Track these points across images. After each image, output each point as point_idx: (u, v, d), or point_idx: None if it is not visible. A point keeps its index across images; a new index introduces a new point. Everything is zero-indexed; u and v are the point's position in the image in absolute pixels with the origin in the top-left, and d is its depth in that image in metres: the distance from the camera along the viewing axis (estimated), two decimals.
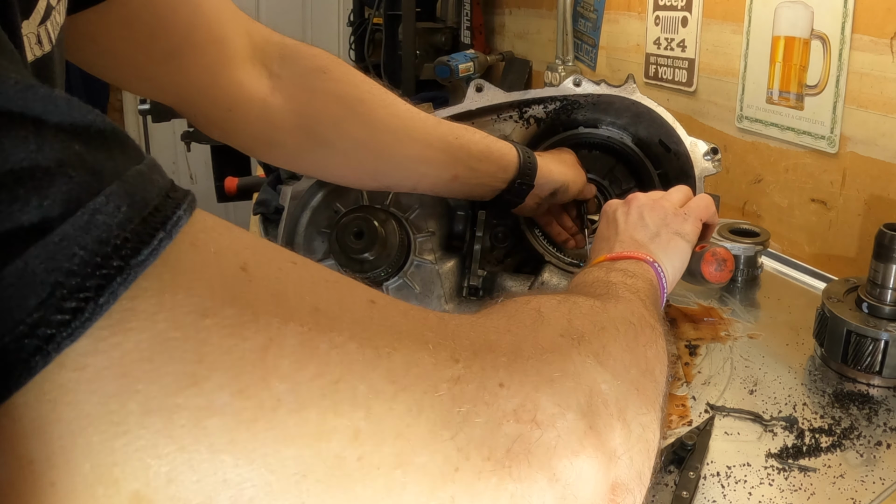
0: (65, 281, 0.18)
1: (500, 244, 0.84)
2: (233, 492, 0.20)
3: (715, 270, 0.62)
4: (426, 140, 0.67)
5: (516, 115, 0.81)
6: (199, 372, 0.20)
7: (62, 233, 0.18)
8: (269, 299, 0.22)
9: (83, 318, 0.18)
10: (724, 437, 0.61)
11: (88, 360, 0.18)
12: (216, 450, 0.19)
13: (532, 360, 0.29)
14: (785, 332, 0.79)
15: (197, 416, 0.19)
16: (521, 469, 0.25)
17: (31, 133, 0.18)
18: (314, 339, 0.22)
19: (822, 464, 0.57)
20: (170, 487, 0.19)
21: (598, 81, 0.79)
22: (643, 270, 0.52)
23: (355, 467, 0.22)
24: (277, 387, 0.21)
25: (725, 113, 1.14)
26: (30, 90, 0.19)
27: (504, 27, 1.93)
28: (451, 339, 0.27)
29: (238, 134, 0.64)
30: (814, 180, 0.99)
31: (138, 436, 0.18)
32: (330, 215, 0.76)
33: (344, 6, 2.59)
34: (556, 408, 0.28)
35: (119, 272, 0.19)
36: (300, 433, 0.21)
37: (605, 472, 0.28)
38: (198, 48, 0.56)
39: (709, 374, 0.71)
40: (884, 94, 0.86)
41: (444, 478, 0.23)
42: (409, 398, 0.24)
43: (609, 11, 1.43)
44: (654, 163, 0.84)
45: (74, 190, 0.19)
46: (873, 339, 0.67)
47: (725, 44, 1.12)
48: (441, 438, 0.24)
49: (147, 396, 0.19)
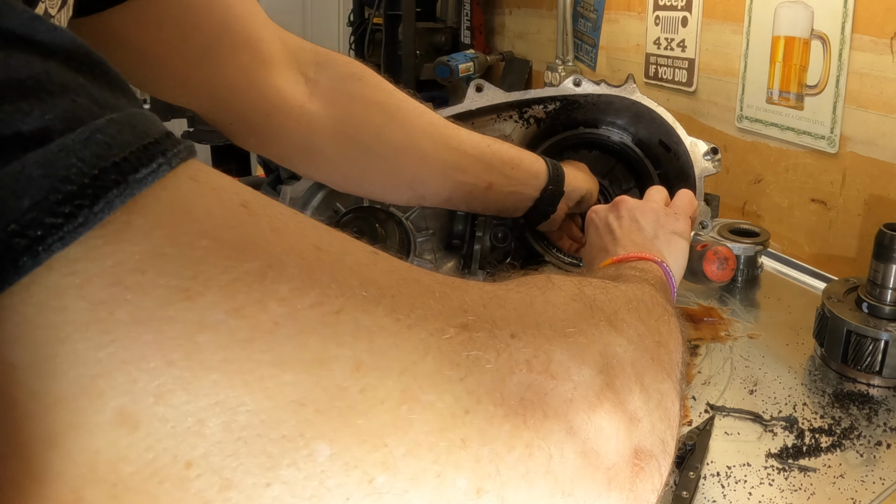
0: (60, 186, 0.17)
1: (500, 244, 0.84)
2: (226, 416, 0.18)
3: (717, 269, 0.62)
4: (461, 148, 0.67)
5: (516, 115, 0.81)
6: (194, 287, 0.19)
7: (62, 143, 0.18)
8: (269, 232, 0.21)
9: (76, 223, 0.17)
10: (724, 437, 0.61)
11: (79, 266, 0.18)
12: (208, 367, 0.18)
13: (544, 315, 0.28)
14: (785, 332, 0.79)
15: (189, 331, 0.18)
16: (537, 418, 0.24)
17: (37, 58, 0.18)
18: (315, 270, 0.21)
19: (822, 464, 0.57)
20: (158, 405, 0.18)
21: (598, 81, 0.79)
22: (652, 269, 0.52)
23: (358, 399, 0.20)
24: (275, 309, 0.20)
25: (725, 113, 1.14)
26: (37, 20, 0.19)
27: (504, 27, 1.93)
28: (458, 291, 0.26)
29: (277, 141, 0.62)
30: (814, 180, 0.99)
31: (125, 346, 0.18)
32: (330, 215, 0.76)
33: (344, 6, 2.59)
34: (571, 361, 0.26)
35: (116, 185, 0.18)
36: (299, 359, 0.20)
37: (626, 432, 0.27)
38: (232, 48, 0.54)
39: (709, 374, 0.71)
40: (884, 94, 0.86)
41: (454, 418, 0.22)
42: (415, 336, 0.22)
43: (609, 11, 1.43)
44: (654, 163, 0.84)
45: (77, 111, 0.18)
46: (873, 339, 0.67)
47: (725, 44, 1.12)
48: (450, 379, 0.22)
49: (137, 307, 0.18)
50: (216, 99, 0.57)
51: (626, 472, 0.27)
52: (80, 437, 0.17)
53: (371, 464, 0.20)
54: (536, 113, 0.81)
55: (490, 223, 0.80)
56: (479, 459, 0.22)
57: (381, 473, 0.20)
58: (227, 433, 0.18)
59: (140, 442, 0.18)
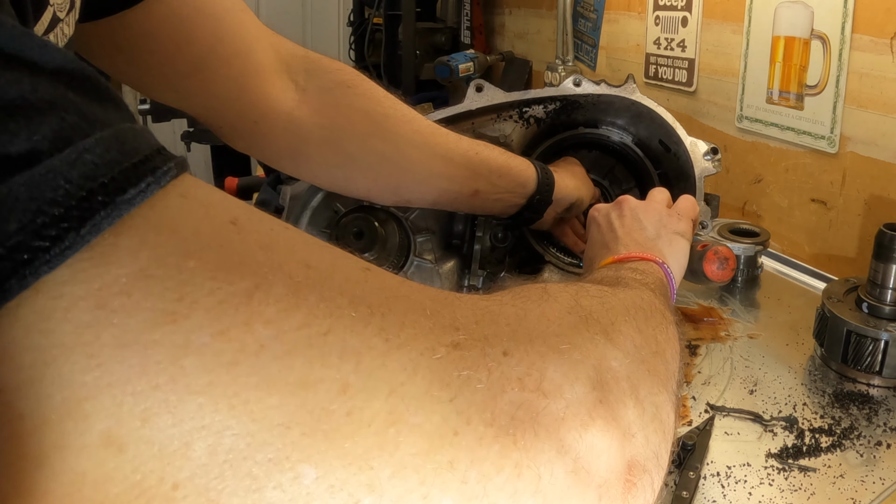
0: (47, 209, 0.17)
1: (500, 244, 0.84)
2: (212, 440, 0.18)
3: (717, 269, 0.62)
4: (448, 155, 0.67)
5: (516, 115, 0.81)
6: (179, 310, 0.19)
7: (49, 165, 0.18)
8: (257, 250, 0.21)
9: (63, 247, 0.18)
10: (724, 437, 0.61)
11: (66, 289, 0.18)
12: (194, 391, 0.18)
13: (538, 330, 0.28)
14: (785, 332, 0.79)
15: (174, 354, 0.18)
16: (527, 438, 0.24)
17: (25, 75, 0.18)
18: (303, 290, 0.21)
19: (822, 464, 0.57)
20: (144, 429, 0.18)
21: (598, 81, 0.79)
22: (653, 270, 0.52)
23: (344, 422, 0.20)
24: (261, 332, 0.20)
25: (725, 113, 1.14)
26: (26, 36, 0.19)
27: (504, 27, 1.93)
28: (450, 307, 0.26)
29: (264, 146, 0.64)
30: (814, 180, 0.99)
31: (111, 370, 0.18)
32: (330, 215, 0.76)
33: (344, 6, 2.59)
34: (564, 378, 0.26)
35: (103, 206, 0.18)
36: (284, 381, 0.20)
37: (619, 448, 0.27)
38: (223, 60, 0.55)
39: (709, 374, 0.71)
40: (884, 94, 0.86)
41: (443, 440, 0.22)
42: (404, 356, 0.22)
43: (609, 11, 1.43)
44: (654, 163, 0.84)
45: (65, 130, 0.18)
46: (873, 339, 0.67)
47: (725, 44, 1.12)
48: (439, 399, 0.22)
49: (123, 330, 0.18)
50: (207, 106, 0.59)
51: (618, 488, 0.27)
52: (66, 459, 0.17)
53: (356, 486, 0.20)
54: (536, 113, 0.81)
55: (490, 223, 0.80)
56: (467, 481, 0.22)
57: (366, 496, 0.20)
58: (213, 456, 0.19)
59: (127, 464, 0.18)
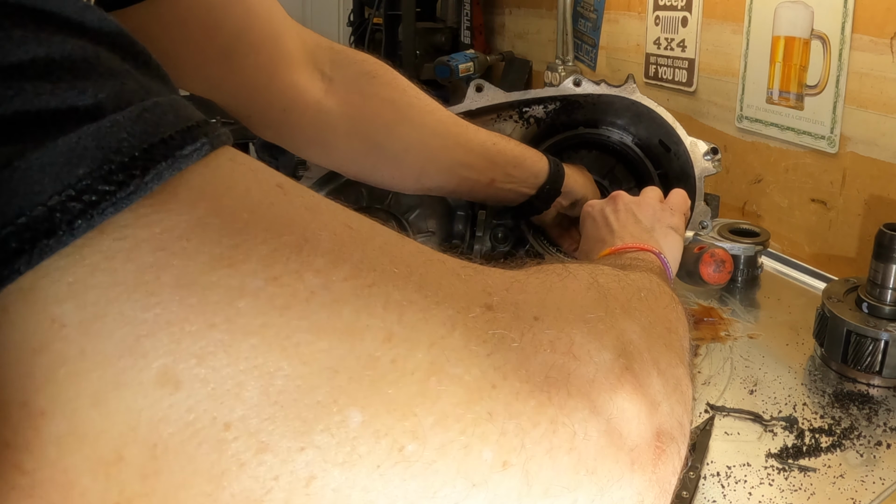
0: (113, 157, 0.18)
1: (500, 244, 0.84)
2: (264, 380, 0.19)
3: (713, 272, 0.62)
4: (468, 145, 0.69)
5: (516, 115, 0.81)
6: (235, 255, 0.20)
7: (113, 119, 0.19)
8: (303, 211, 0.22)
9: (128, 191, 0.18)
10: (724, 437, 0.61)
11: (128, 231, 0.18)
12: (248, 332, 0.19)
13: (564, 301, 0.29)
14: (785, 332, 0.79)
15: (230, 296, 0.19)
16: (561, 396, 0.24)
17: (89, 42, 0.19)
18: (348, 246, 0.22)
19: (822, 464, 0.57)
20: (199, 367, 0.18)
21: (598, 81, 0.79)
22: (651, 259, 0.53)
23: (389, 369, 0.21)
24: (311, 280, 0.20)
25: (725, 113, 1.14)
26: (89, 9, 0.20)
27: (504, 27, 1.93)
28: (482, 274, 0.27)
29: (293, 136, 0.65)
30: (814, 180, 0.99)
31: (170, 308, 0.18)
32: None
33: (344, 6, 2.59)
34: (592, 344, 0.27)
35: (164, 159, 0.19)
36: (333, 327, 0.20)
37: (647, 414, 0.27)
38: (253, 48, 0.56)
39: (709, 374, 0.71)
40: (884, 94, 0.86)
41: (481, 392, 0.22)
42: (443, 313, 0.23)
43: (609, 11, 1.43)
44: (654, 163, 0.84)
45: (126, 93, 0.19)
46: (873, 339, 0.67)
47: (725, 44, 1.12)
48: (477, 354, 0.23)
49: (182, 271, 0.19)
50: (236, 94, 0.60)
51: (649, 454, 0.27)
52: (123, 396, 0.18)
53: (401, 432, 0.21)
54: (536, 113, 0.81)
55: (490, 223, 0.80)
56: (505, 433, 0.23)
57: (410, 442, 0.21)
58: (265, 397, 0.19)
59: (181, 402, 0.18)
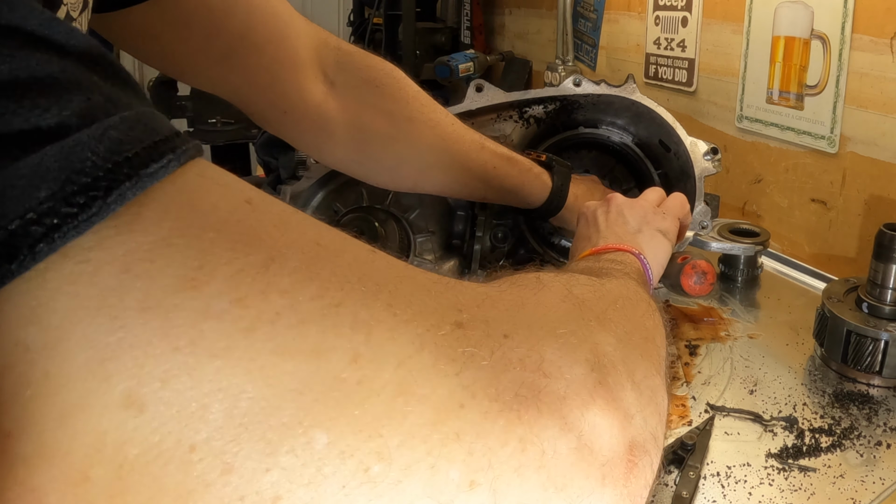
0: (76, 178, 0.18)
1: (500, 244, 0.84)
2: (228, 402, 0.19)
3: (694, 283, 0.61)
4: (466, 164, 0.70)
5: (516, 115, 0.81)
6: (199, 277, 0.19)
7: (77, 139, 0.19)
8: (271, 228, 0.22)
9: (90, 213, 0.18)
10: (724, 437, 0.61)
11: (92, 254, 0.18)
12: (212, 354, 0.19)
13: (535, 316, 0.28)
14: (785, 332, 0.79)
15: (194, 319, 0.19)
16: (531, 414, 0.24)
17: (55, 56, 0.19)
18: (316, 264, 0.22)
19: (822, 464, 0.57)
20: (164, 390, 0.18)
21: (598, 81, 0.79)
22: (630, 261, 0.53)
23: (355, 390, 0.21)
24: (277, 301, 0.20)
25: (725, 113, 1.13)
26: (55, 21, 0.20)
27: (504, 27, 1.93)
28: (453, 290, 0.27)
29: (291, 135, 0.66)
30: (814, 180, 0.99)
31: (134, 332, 0.18)
32: (330, 215, 0.76)
33: (344, 6, 2.59)
34: (563, 360, 0.27)
35: (128, 178, 0.19)
36: (299, 348, 0.20)
37: (620, 429, 0.27)
38: (255, 48, 0.57)
39: (709, 374, 0.71)
40: (884, 94, 0.86)
41: (449, 412, 0.22)
42: (411, 331, 0.23)
43: (609, 11, 1.43)
44: (654, 163, 0.84)
45: (92, 108, 0.19)
46: (873, 339, 0.67)
47: (725, 44, 1.12)
48: (445, 373, 0.23)
49: (146, 294, 0.19)
50: (239, 92, 0.60)
51: (621, 467, 0.27)
52: (88, 418, 0.18)
53: (366, 453, 0.21)
54: (536, 113, 0.81)
55: (490, 223, 0.80)
56: (472, 452, 0.23)
57: (376, 463, 0.21)
58: (230, 419, 0.19)
59: (146, 425, 0.18)
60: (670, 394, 0.35)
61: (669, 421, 0.63)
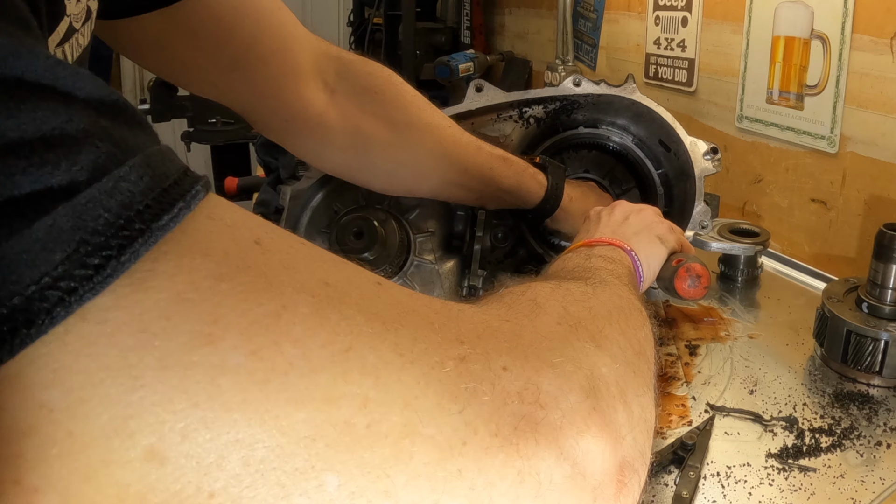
0: (90, 238, 0.19)
1: (500, 244, 0.84)
2: (245, 451, 0.20)
3: (688, 286, 0.59)
4: (464, 167, 0.71)
5: (516, 115, 0.81)
6: (215, 332, 0.20)
7: (89, 195, 0.19)
8: (281, 270, 0.23)
9: (105, 274, 0.19)
10: (724, 437, 0.61)
11: (110, 314, 0.19)
12: (229, 408, 0.20)
13: (532, 346, 0.30)
14: (785, 332, 0.79)
15: (211, 374, 0.20)
16: (529, 446, 0.25)
17: (61, 105, 0.20)
18: (325, 308, 0.23)
19: (822, 464, 0.57)
20: (184, 444, 0.19)
21: (598, 81, 0.79)
22: (621, 257, 0.53)
23: (364, 434, 0.22)
24: (290, 350, 0.21)
25: (725, 113, 1.13)
26: (59, 66, 0.20)
27: (504, 27, 1.93)
28: (455, 321, 0.28)
29: (293, 142, 0.67)
30: (814, 180, 0.99)
31: (154, 390, 0.19)
32: (330, 215, 0.76)
33: (344, 6, 2.59)
34: (559, 390, 0.28)
35: (141, 234, 0.20)
36: (311, 397, 0.21)
37: (611, 451, 0.29)
38: (261, 59, 0.58)
39: (709, 374, 0.71)
40: (884, 94, 0.86)
41: (452, 450, 0.24)
42: (417, 371, 0.24)
43: (609, 11, 1.43)
44: (654, 163, 0.84)
45: (101, 159, 0.20)
46: (873, 339, 0.67)
47: (725, 44, 1.12)
48: (449, 411, 0.24)
49: (164, 352, 0.19)
50: (244, 101, 0.62)
51: (611, 488, 0.29)
52: (112, 473, 0.19)
53: (375, 493, 0.22)
54: (536, 113, 0.81)
55: (490, 223, 0.80)
56: (474, 488, 0.24)
57: (383, 501, 0.22)
58: (246, 467, 0.20)
59: (167, 476, 0.19)
60: (658, 405, 0.37)
61: (669, 421, 0.63)
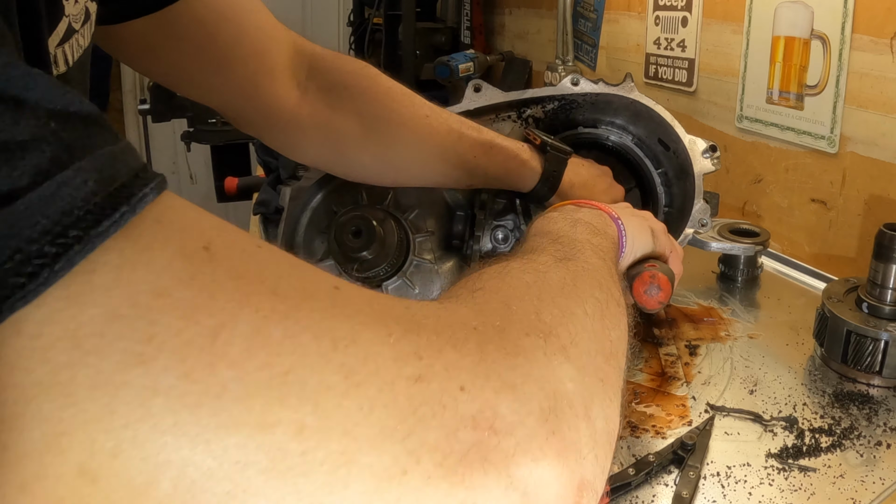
0: (24, 247, 0.18)
1: (500, 244, 0.84)
2: (175, 473, 0.20)
3: (645, 292, 0.53)
4: (445, 156, 0.69)
5: (515, 116, 0.81)
6: (147, 352, 0.20)
7: (27, 202, 0.19)
8: (227, 281, 0.22)
9: (37, 283, 0.18)
10: (724, 437, 0.61)
11: (44, 328, 0.19)
12: (160, 430, 0.20)
13: (496, 364, 0.28)
14: (785, 332, 0.79)
15: (142, 396, 0.20)
16: (475, 476, 0.24)
17: (8, 110, 0.19)
18: (268, 326, 0.22)
19: (822, 464, 0.57)
20: (114, 463, 0.19)
21: (597, 80, 0.79)
22: (606, 225, 0.51)
23: (298, 462, 0.21)
24: (224, 373, 0.21)
25: (725, 113, 1.13)
26: (9, 67, 0.20)
27: (504, 27, 1.93)
28: (415, 332, 0.26)
29: (272, 139, 0.69)
30: (814, 180, 0.99)
31: (85, 408, 0.19)
32: (330, 215, 0.76)
33: (344, 6, 2.59)
34: (516, 415, 0.27)
35: (77, 241, 0.19)
36: (244, 422, 0.21)
37: (569, 475, 0.27)
38: (241, 61, 0.60)
39: (709, 374, 0.71)
40: (884, 94, 0.86)
41: (391, 480, 0.23)
42: (362, 395, 0.23)
43: (609, 11, 1.43)
44: (653, 162, 0.84)
45: (44, 163, 0.19)
46: (873, 339, 0.67)
47: (725, 44, 1.12)
48: (392, 439, 0.23)
49: (96, 371, 0.19)
50: (226, 101, 0.64)
51: None
52: (46, 486, 0.19)
53: None
54: (535, 113, 0.81)
55: (490, 223, 0.80)
56: None
57: None
58: (176, 489, 0.20)
59: (99, 492, 0.20)
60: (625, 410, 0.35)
61: (669, 421, 0.63)
